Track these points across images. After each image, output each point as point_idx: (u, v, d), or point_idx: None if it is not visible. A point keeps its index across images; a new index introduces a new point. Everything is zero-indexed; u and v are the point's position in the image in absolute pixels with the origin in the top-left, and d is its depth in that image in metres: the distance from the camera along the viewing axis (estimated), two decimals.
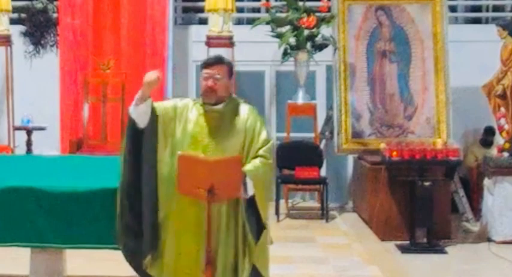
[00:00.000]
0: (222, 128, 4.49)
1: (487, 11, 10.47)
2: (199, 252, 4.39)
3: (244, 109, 4.57)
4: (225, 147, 4.46)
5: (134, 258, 4.65)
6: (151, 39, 9.35)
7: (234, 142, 4.48)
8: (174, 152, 4.45)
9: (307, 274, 6.75)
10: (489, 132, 9.07)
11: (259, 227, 4.51)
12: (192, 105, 4.57)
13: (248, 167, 4.42)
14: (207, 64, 4.52)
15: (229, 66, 4.56)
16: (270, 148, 4.55)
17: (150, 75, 4.52)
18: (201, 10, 10.09)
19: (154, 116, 4.53)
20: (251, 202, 4.46)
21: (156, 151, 4.51)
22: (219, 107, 4.51)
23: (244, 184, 4.39)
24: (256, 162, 4.46)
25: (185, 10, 10.53)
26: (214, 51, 9.27)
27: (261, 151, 4.50)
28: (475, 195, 9.06)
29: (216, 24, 9.35)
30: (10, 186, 5.07)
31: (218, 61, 4.53)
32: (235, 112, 4.54)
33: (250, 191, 4.42)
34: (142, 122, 4.52)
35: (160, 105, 4.58)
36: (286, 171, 9.16)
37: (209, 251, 4.26)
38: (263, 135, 4.53)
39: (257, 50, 9.67)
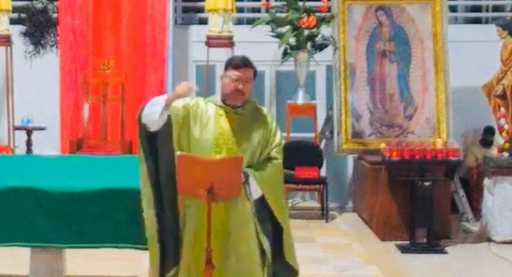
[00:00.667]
0: (243, 130, 4.46)
1: (487, 11, 10.47)
2: (220, 254, 4.38)
3: (262, 111, 4.57)
4: (246, 149, 4.44)
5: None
6: (151, 39, 9.35)
7: (254, 144, 4.47)
8: (193, 153, 4.40)
9: (307, 274, 6.74)
10: (489, 132, 9.07)
11: (278, 228, 4.53)
12: (205, 104, 4.51)
13: (253, 168, 4.43)
14: (236, 66, 4.43)
15: (255, 70, 4.51)
16: (281, 149, 4.56)
17: (185, 86, 4.41)
18: (201, 10, 10.09)
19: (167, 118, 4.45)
20: (263, 204, 4.46)
21: (174, 154, 4.42)
22: (241, 109, 4.48)
23: (248, 185, 4.40)
24: (264, 163, 4.48)
25: (185, 10, 10.53)
26: (214, 51, 9.31)
27: (272, 152, 4.52)
28: (475, 195, 9.06)
29: (216, 24, 9.35)
30: (10, 186, 5.07)
31: (247, 64, 4.45)
32: (254, 114, 4.52)
33: (255, 192, 4.43)
34: (154, 126, 4.45)
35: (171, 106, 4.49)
36: (286, 171, 9.12)
37: (209, 251, 4.26)
38: (277, 137, 4.55)
39: (257, 50, 9.61)
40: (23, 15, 9.99)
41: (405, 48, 9.16)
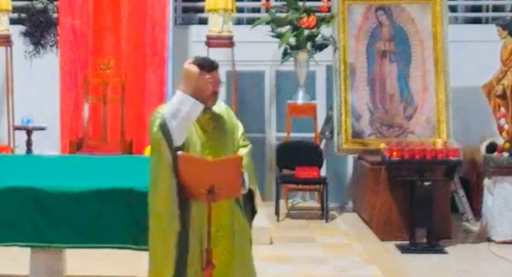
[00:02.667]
0: (216, 128, 4.50)
1: (487, 11, 10.47)
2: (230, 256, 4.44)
3: (220, 105, 4.58)
4: (223, 146, 4.48)
5: None
6: (151, 39, 9.34)
7: (227, 139, 4.53)
8: None
9: (307, 274, 6.75)
10: (490, 148, 8.95)
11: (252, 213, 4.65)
12: None
13: (244, 162, 4.45)
14: (210, 68, 4.44)
15: None
16: (245, 136, 4.65)
17: None
18: (201, 10, 10.08)
19: None
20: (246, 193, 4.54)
21: None
22: (210, 109, 4.50)
23: (243, 180, 4.43)
24: (243, 152, 4.54)
25: (185, 10, 10.53)
26: (214, 51, 9.30)
27: (241, 142, 4.59)
28: (475, 195, 9.05)
29: (216, 24, 9.34)
30: (10, 186, 5.08)
31: (217, 66, 4.50)
32: (215, 109, 4.53)
33: (247, 184, 4.47)
34: (180, 138, 4.36)
35: None
36: (286, 171, 9.16)
37: (209, 251, 4.26)
38: (240, 125, 4.65)
39: (257, 50, 9.67)
40: (23, 15, 9.98)
41: (405, 48, 9.16)
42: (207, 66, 4.45)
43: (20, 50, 9.80)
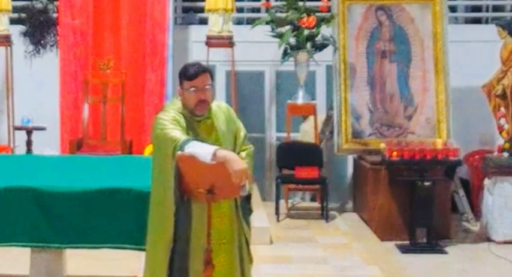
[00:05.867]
0: (217, 132, 4.46)
1: (487, 11, 10.48)
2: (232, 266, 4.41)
3: (220, 106, 4.53)
4: (225, 148, 4.43)
5: None
6: (151, 39, 9.34)
7: (229, 142, 4.48)
8: None
9: (307, 274, 6.76)
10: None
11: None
12: (180, 115, 4.38)
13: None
14: (191, 77, 4.30)
15: (211, 72, 4.42)
16: (247, 138, 4.60)
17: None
18: (201, 10, 10.09)
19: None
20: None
21: None
22: (208, 114, 4.43)
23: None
24: (244, 155, 4.49)
25: (185, 10, 10.53)
26: (214, 51, 9.32)
27: (243, 146, 4.54)
28: (475, 195, 9.06)
29: (216, 24, 9.34)
30: (10, 186, 5.08)
31: (200, 71, 4.33)
32: (216, 112, 4.49)
33: (248, 187, 4.43)
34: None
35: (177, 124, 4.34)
36: (286, 171, 9.16)
37: (209, 251, 4.26)
38: (242, 128, 4.58)
39: (257, 50, 9.67)
40: (23, 15, 9.98)
41: (405, 48, 9.16)
42: (186, 75, 4.33)
43: (20, 50, 9.80)
